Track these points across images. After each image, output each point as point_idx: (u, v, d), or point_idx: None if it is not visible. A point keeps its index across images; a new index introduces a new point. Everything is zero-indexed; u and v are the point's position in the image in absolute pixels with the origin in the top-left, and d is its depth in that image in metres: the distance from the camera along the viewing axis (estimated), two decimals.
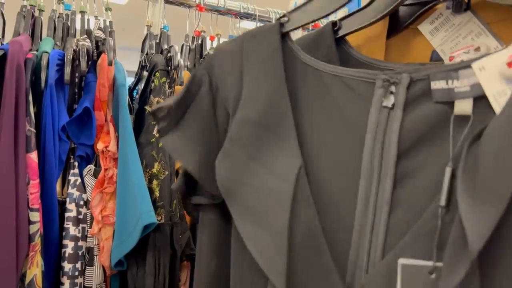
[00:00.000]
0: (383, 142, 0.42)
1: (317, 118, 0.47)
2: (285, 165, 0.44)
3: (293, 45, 0.51)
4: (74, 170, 1.01)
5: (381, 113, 0.42)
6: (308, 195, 0.43)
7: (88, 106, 0.96)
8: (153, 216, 0.93)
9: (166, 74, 1.03)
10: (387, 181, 0.41)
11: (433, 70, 0.41)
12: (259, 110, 0.46)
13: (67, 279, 0.97)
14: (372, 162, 0.42)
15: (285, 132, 0.46)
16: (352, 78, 0.45)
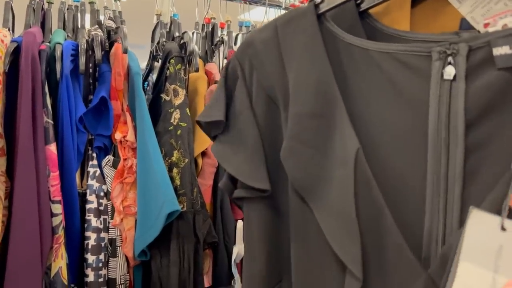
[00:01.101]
0: (448, 115, 0.41)
1: (371, 97, 0.46)
2: (343, 151, 0.44)
3: (332, 26, 0.50)
4: (93, 161, 1.00)
5: (442, 86, 0.42)
6: (369, 178, 0.43)
7: (105, 96, 0.95)
8: (176, 203, 0.92)
9: (181, 61, 1.02)
10: (458, 152, 0.41)
11: (492, 36, 0.40)
12: (310, 101, 0.46)
13: (91, 270, 0.97)
14: (439, 136, 0.42)
15: (338, 118, 0.45)
16: (404, 53, 0.44)
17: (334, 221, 0.44)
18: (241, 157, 0.50)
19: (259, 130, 0.50)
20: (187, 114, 1.01)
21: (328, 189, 0.44)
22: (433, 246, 0.42)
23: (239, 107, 0.51)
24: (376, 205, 0.43)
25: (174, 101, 1.00)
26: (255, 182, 0.49)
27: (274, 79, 0.49)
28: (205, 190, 1.12)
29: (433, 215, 0.42)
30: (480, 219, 0.31)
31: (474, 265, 0.31)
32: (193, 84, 1.11)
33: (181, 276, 0.97)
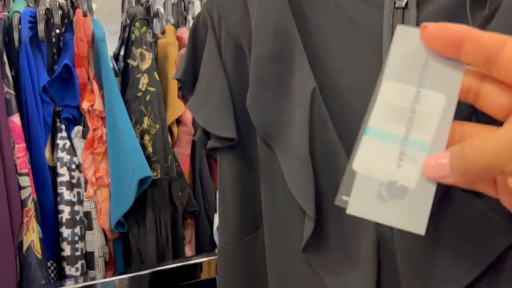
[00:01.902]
0: None
1: (330, 36, 0.45)
2: (301, 92, 0.43)
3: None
4: (62, 133, 0.96)
5: (394, 15, 0.41)
6: (325, 118, 0.42)
7: (68, 63, 0.91)
8: (147, 169, 0.89)
9: (146, 23, 0.98)
10: None
11: None
12: (269, 43, 0.45)
13: (67, 244, 0.94)
14: None
15: (297, 59, 0.44)
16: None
17: (292, 163, 0.43)
18: (209, 107, 0.50)
19: (228, 80, 0.49)
20: (155, 79, 0.97)
21: (289, 132, 0.44)
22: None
23: (209, 58, 0.51)
24: (331, 145, 0.42)
25: (141, 66, 0.96)
26: (221, 131, 0.49)
27: (239, 25, 0.48)
28: (183, 159, 1.09)
29: None
30: (406, 36, 0.29)
31: (397, 82, 0.29)
32: (163, 50, 1.07)
33: (159, 244, 0.95)
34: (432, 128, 0.28)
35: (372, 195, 0.28)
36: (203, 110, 0.51)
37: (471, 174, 0.25)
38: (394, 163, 0.28)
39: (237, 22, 0.48)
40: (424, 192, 0.27)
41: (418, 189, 0.27)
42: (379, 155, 0.28)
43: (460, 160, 0.25)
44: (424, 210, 0.27)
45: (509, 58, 0.24)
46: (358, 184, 0.28)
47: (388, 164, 0.28)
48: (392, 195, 0.28)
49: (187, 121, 1.08)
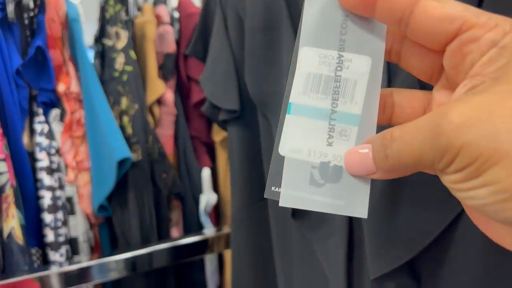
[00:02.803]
0: None
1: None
2: (289, 61, 0.43)
3: None
4: (39, 117, 0.94)
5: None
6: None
7: (40, 45, 0.89)
8: (126, 150, 0.87)
9: (120, 1, 0.95)
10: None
11: None
12: (260, 16, 0.46)
13: (50, 230, 0.93)
14: None
15: (284, 28, 0.45)
16: None
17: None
18: (216, 81, 0.53)
19: (233, 53, 0.51)
20: (131, 58, 0.94)
21: (280, 100, 0.44)
22: None
23: (216, 33, 0.53)
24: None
25: (117, 45, 0.94)
26: (224, 103, 0.51)
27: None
28: (166, 141, 1.07)
29: None
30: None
31: (315, 48, 0.25)
32: (141, 29, 1.04)
33: (143, 226, 0.93)
34: (360, 97, 0.24)
35: (304, 181, 0.24)
36: (210, 83, 0.54)
37: (399, 171, 0.22)
38: (324, 141, 0.24)
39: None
40: None
41: None
42: (306, 134, 0.25)
43: (383, 158, 0.21)
44: (363, 190, 0.23)
45: (420, 19, 0.21)
46: (287, 171, 0.25)
47: (317, 144, 0.24)
48: (326, 178, 0.24)
49: (168, 102, 1.05)
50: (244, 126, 0.53)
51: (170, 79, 1.04)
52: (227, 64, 0.51)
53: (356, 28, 0.24)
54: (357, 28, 0.24)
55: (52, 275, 0.86)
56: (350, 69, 0.24)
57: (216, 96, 0.52)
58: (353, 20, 0.24)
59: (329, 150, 0.24)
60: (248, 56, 0.47)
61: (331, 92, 0.25)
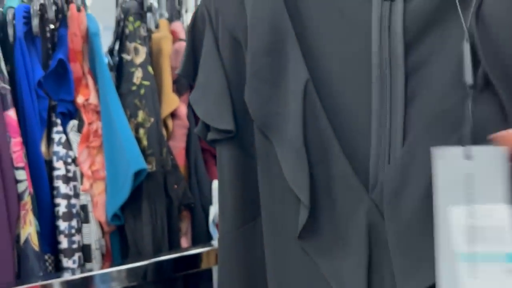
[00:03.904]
0: (389, 36, 0.41)
1: (322, 28, 0.47)
2: (295, 84, 0.45)
3: None
4: (58, 127, 0.97)
5: (383, 7, 0.42)
6: (317, 108, 0.44)
7: (62, 58, 0.92)
8: (142, 161, 0.90)
9: (139, 17, 0.99)
10: (399, 73, 0.41)
11: None
12: (264, 37, 0.46)
13: (64, 237, 0.96)
14: (381, 59, 0.42)
15: (290, 52, 0.46)
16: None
17: (287, 153, 0.44)
18: (208, 101, 0.52)
19: (226, 73, 0.51)
20: (149, 73, 0.98)
21: (284, 123, 0.45)
22: (380, 172, 0.42)
23: (207, 53, 0.52)
24: (324, 135, 0.43)
25: (135, 60, 0.97)
26: (219, 123, 0.50)
27: (235, 19, 0.50)
28: (178, 152, 1.10)
29: (379, 141, 0.42)
30: (446, 155, 0.32)
31: (452, 204, 0.31)
32: (157, 44, 1.08)
33: (155, 236, 0.96)
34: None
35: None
36: (203, 103, 0.52)
37: None
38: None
39: (233, 15, 0.50)
40: None
41: None
42: (489, 279, 0.29)
43: None
44: None
45: None
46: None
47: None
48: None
49: (181, 115, 1.09)
50: (236, 146, 0.52)
51: (183, 93, 1.08)
52: (221, 84, 0.51)
53: (482, 180, 0.30)
54: (483, 180, 0.30)
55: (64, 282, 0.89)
56: (493, 217, 0.30)
57: (210, 116, 0.52)
58: (477, 172, 0.30)
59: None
60: (251, 77, 0.47)
61: (491, 238, 0.30)
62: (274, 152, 0.47)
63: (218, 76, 0.51)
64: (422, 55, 0.40)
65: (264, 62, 0.46)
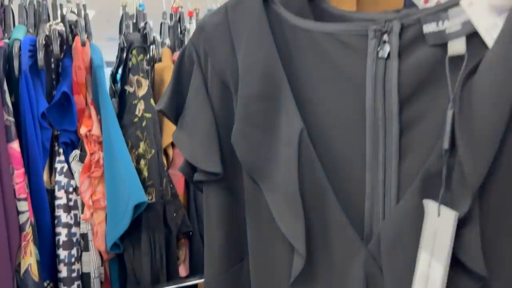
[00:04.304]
0: (383, 93, 0.42)
1: (314, 78, 0.47)
2: (289, 131, 0.45)
3: (278, 8, 0.50)
4: (60, 157, 0.99)
5: (378, 64, 0.42)
6: (312, 157, 0.44)
7: (66, 91, 0.94)
8: (142, 195, 0.92)
9: (143, 51, 1.01)
10: (393, 129, 0.41)
11: (423, 13, 0.40)
12: (258, 83, 0.46)
13: (64, 266, 0.97)
14: (375, 114, 0.42)
15: (283, 100, 0.46)
16: (344, 33, 0.45)
17: (281, 201, 0.44)
18: (195, 142, 0.51)
19: (214, 115, 0.50)
20: (151, 105, 1.00)
21: (276, 169, 0.45)
22: (374, 223, 0.42)
23: (195, 93, 0.52)
24: (319, 184, 0.44)
25: (138, 92, 0.99)
26: (207, 165, 0.50)
27: (225, 63, 0.50)
28: (178, 180, 1.12)
29: (373, 192, 0.43)
30: (429, 208, 0.35)
31: (424, 251, 0.35)
32: (160, 74, 1.10)
33: (153, 266, 0.97)
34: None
35: None
36: (189, 144, 0.51)
37: None
38: None
39: (223, 59, 0.49)
40: None
41: None
42: None
43: None
44: None
45: None
46: None
47: None
48: None
49: None
50: (223, 188, 0.51)
51: None
52: (209, 125, 0.50)
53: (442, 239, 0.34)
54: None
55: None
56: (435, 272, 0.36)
57: (197, 157, 0.50)
58: (442, 230, 0.34)
59: None
60: (241, 121, 0.47)
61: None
62: (264, 198, 0.46)
63: (206, 117, 0.50)
64: (415, 113, 0.41)
65: (256, 108, 0.46)
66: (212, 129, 0.50)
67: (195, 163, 0.51)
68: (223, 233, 0.52)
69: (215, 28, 0.50)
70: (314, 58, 0.47)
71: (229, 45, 0.49)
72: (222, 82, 0.50)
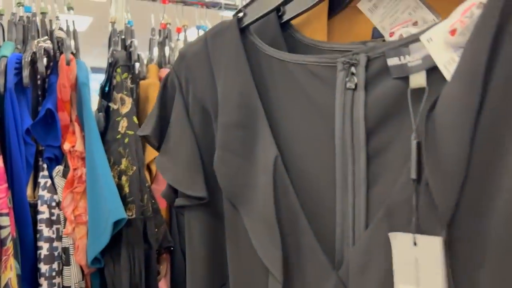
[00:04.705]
0: (351, 123, 0.43)
1: (288, 107, 0.48)
2: (264, 158, 0.46)
3: (255, 39, 0.52)
4: (44, 172, 1.01)
5: (346, 95, 0.44)
6: (286, 184, 0.45)
7: (51, 107, 0.96)
8: (121, 212, 0.93)
9: (127, 70, 1.03)
10: (361, 158, 0.43)
11: (388, 46, 0.42)
12: (235, 113, 0.48)
13: (45, 280, 0.98)
14: (344, 143, 0.44)
15: (260, 128, 0.47)
16: (315, 64, 0.46)
17: (258, 226, 0.46)
18: (179, 167, 0.52)
19: (196, 140, 0.52)
20: (134, 122, 1.02)
21: (254, 195, 0.46)
22: (345, 249, 0.43)
23: (177, 119, 0.53)
24: (293, 209, 0.45)
25: (121, 110, 1.01)
26: (192, 191, 0.51)
27: (206, 90, 0.51)
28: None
29: (344, 219, 0.43)
30: (399, 240, 0.36)
31: (403, 284, 0.35)
32: (145, 91, 1.12)
33: (132, 281, 0.99)
34: None
35: None
36: (172, 169, 0.52)
37: None
38: None
39: (203, 87, 0.51)
40: None
41: None
42: None
43: None
44: None
45: None
46: None
47: None
48: None
49: None
50: (205, 213, 0.52)
51: None
52: (191, 150, 0.51)
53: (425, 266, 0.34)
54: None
55: None
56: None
57: (181, 182, 0.51)
58: (422, 258, 0.34)
59: None
60: (221, 148, 0.48)
61: None
62: (242, 222, 0.47)
63: (188, 142, 0.51)
64: (381, 142, 0.42)
65: (234, 136, 0.48)
66: (194, 154, 0.51)
67: (179, 188, 0.52)
68: (205, 256, 0.53)
69: (195, 56, 0.52)
70: (287, 88, 0.49)
71: (209, 73, 0.51)
72: (203, 108, 0.52)
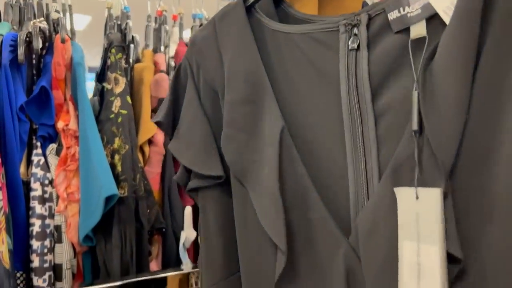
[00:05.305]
0: (356, 83, 0.43)
1: (296, 79, 0.49)
2: (271, 132, 0.46)
3: (261, 16, 0.53)
4: (37, 150, 1.02)
5: (349, 56, 0.44)
6: (293, 155, 0.45)
7: (45, 85, 0.97)
8: (113, 188, 0.94)
9: (121, 50, 1.04)
10: (369, 119, 0.42)
11: (386, 2, 0.42)
12: (241, 89, 0.48)
13: (36, 256, 0.99)
14: (350, 105, 0.43)
15: (266, 103, 0.47)
16: (318, 31, 0.47)
17: (263, 199, 0.45)
18: (194, 148, 0.52)
19: (209, 123, 0.52)
20: (127, 102, 1.03)
21: (260, 170, 0.46)
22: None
23: (189, 103, 0.54)
24: (301, 181, 0.44)
25: (115, 90, 1.03)
26: (209, 170, 0.51)
27: (214, 72, 0.52)
28: (153, 177, 1.15)
29: (357, 184, 0.43)
30: (402, 195, 0.35)
31: (407, 240, 0.35)
32: (139, 73, 1.13)
33: (123, 259, 1.00)
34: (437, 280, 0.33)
35: None
36: (187, 152, 0.52)
37: None
38: None
39: (212, 69, 0.52)
40: None
41: None
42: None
43: None
44: None
45: None
46: None
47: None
48: None
49: (158, 142, 1.13)
50: (221, 193, 0.51)
51: None
52: (205, 132, 0.51)
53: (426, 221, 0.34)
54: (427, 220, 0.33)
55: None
56: (431, 256, 0.34)
57: (198, 163, 0.51)
58: (423, 212, 0.34)
59: None
60: (227, 125, 0.48)
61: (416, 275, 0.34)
62: (250, 200, 0.46)
63: (201, 124, 0.52)
64: (388, 99, 0.41)
65: (240, 112, 0.48)
66: (208, 134, 0.51)
67: (196, 169, 0.52)
68: (221, 239, 0.52)
69: (204, 40, 0.53)
70: (294, 60, 0.49)
71: (217, 55, 0.52)
72: (213, 90, 0.52)
